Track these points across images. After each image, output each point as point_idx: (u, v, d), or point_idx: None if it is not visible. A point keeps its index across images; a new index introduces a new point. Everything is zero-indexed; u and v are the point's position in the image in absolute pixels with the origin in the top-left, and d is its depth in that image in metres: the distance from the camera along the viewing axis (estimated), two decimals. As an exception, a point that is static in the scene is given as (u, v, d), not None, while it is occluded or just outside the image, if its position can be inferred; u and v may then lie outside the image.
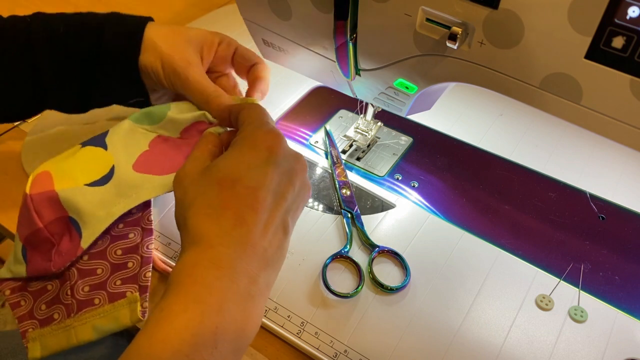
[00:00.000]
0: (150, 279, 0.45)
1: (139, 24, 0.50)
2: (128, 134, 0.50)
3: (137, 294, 0.44)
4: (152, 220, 0.47)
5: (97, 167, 0.48)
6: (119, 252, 0.46)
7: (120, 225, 0.47)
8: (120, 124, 0.50)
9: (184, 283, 0.33)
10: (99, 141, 0.49)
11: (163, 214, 0.52)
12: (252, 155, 0.38)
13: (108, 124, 0.57)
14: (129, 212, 0.47)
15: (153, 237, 0.47)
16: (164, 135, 0.50)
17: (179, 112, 0.50)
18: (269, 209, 0.37)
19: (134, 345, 0.32)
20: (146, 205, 0.48)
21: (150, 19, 0.51)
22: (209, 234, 0.35)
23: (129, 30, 0.49)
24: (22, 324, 0.45)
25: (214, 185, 0.37)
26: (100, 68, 0.50)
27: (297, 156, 0.41)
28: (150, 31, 0.49)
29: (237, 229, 0.35)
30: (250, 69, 0.54)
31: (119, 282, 0.45)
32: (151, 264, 0.46)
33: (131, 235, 0.47)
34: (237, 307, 0.33)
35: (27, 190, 0.46)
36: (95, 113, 0.54)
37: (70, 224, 0.46)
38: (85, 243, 0.45)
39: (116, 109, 0.54)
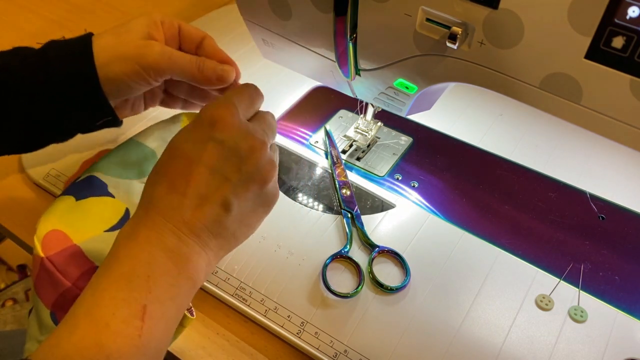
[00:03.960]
0: None
1: (83, 42, 0.46)
2: (128, 188, 0.49)
3: None
4: None
5: (111, 213, 0.47)
6: None
7: None
8: (113, 179, 0.49)
9: (121, 244, 0.36)
10: (102, 191, 0.48)
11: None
12: (194, 128, 0.39)
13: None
14: None
15: None
16: None
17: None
18: (204, 183, 0.38)
19: (77, 300, 0.35)
20: None
21: (90, 34, 0.47)
22: (147, 198, 0.38)
23: (76, 50, 0.45)
24: None
25: (165, 154, 0.39)
26: (52, 100, 0.45)
27: (252, 140, 0.39)
28: (98, 43, 0.45)
29: (168, 195, 0.37)
30: (198, 47, 0.50)
31: None
32: None
33: None
34: (165, 260, 0.36)
35: (41, 254, 0.44)
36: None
37: None
38: None
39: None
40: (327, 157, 0.59)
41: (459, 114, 0.65)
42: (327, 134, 0.61)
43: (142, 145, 0.52)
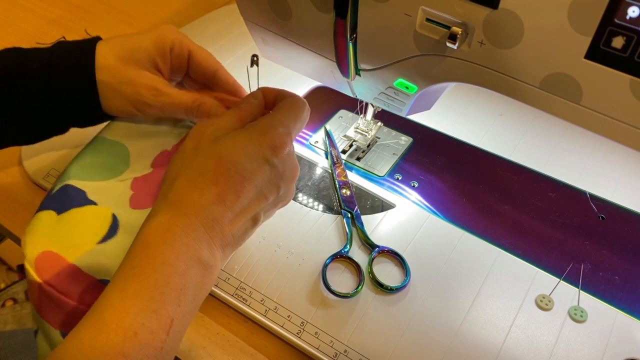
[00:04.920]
0: None
1: (84, 63, 0.46)
2: (107, 190, 0.48)
3: None
4: None
5: (99, 222, 0.46)
6: None
7: None
8: (89, 184, 0.48)
9: (155, 244, 0.36)
10: (82, 200, 0.47)
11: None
12: (257, 148, 0.40)
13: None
14: None
15: None
16: (138, 176, 0.49)
17: (138, 150, 0.50)
18: (249, 200, 0.39)
19: (103, 300, 0.34)
20: None
21: (94, 49, 0.47)
22: (189, 201, 0.38)
23: (78, 66, 0.46)
24: None
25: (214, 159, 0.39)
26: (52, 108, 0.47)
27: (295, 167, 0.43)
28: (100, 74, 0.46)
29: (214, 206, 0.38)
30: (212, 78, 0.51)
31: None
32: None
33: None
34: (197, 273, 0.36)
35: (37, 279, 0.42)
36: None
37: (102, 285, 0.44)
38: None
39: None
40: (327, 157, 0.59)
41: (459, 114, 0.65)
42: (327, 134, 0.61)
43: (110, 141, 0.50)
